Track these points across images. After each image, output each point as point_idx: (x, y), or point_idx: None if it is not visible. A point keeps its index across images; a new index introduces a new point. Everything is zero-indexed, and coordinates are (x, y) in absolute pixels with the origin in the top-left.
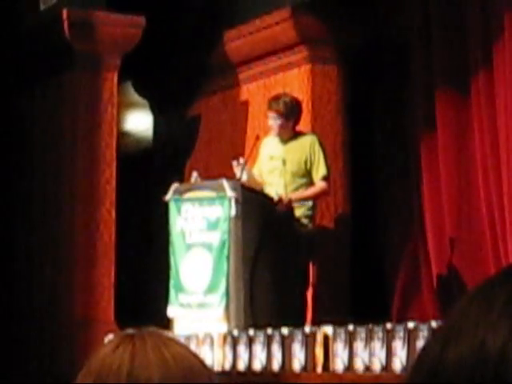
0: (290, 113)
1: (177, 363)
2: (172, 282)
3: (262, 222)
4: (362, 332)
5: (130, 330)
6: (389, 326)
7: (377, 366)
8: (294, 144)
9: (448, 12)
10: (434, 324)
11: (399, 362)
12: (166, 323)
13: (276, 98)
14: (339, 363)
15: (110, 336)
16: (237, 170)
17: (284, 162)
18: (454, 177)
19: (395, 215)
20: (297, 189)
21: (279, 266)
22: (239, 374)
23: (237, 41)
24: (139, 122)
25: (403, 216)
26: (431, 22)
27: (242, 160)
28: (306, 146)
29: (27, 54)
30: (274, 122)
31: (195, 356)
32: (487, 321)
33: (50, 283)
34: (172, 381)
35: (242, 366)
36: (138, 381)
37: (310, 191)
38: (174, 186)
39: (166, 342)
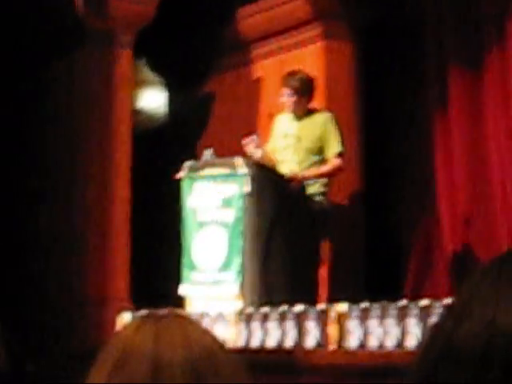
0: (305, 89)
1: (199, 345)
2: (184, 260)
3: (276, 199)
4: (375, 309)
5: (147, 311)
6: (402, 303)
7: (391, 344)
8: (309, 121)
9: None
10: (447, 301)
11: (413, 339)
12: (180, 301)
13: (291, 75)
14: (353, 341)
15: (124, 314)
16: (247, 148)
17: (298, 139)
18: (468, 153)
19: (409, 193)
20: (311, 166)
21: (294, 243)
22: (253, 351)
23: (251, 17)
24: (153, 99)
25: (417, 193)
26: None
27: (255, 137)
28: (321, 123)
29: (40, 31)
30: (288, 98)
31: (216, 339)
32: (497, 298)
33: (62, 261)
34: (195, 362)
35: (255, 343)
36: (161, 360)
37: (325, 168)
38: (188, 163)
39: (189, 324)
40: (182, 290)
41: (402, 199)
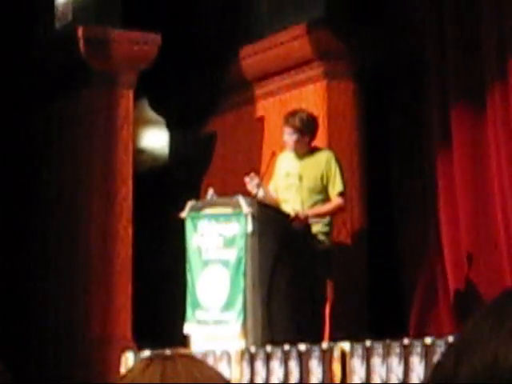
0: (306, 128)
1: None
2: (189, 299)
3: (278, 238)
4: (379, 348)
5: (158, 352)
6: (406, 341)
7: (394, 382)
8: (310, 160)
9: (462, 28)
10: (451, 339)
11: (417, 377)
12: (183, 340)
13: (292, 114)
14: (357, 379)
15: (128, 353)
16: (250, 187)
17: (300, 178)
18: (471, 191)
19: (412, 230)
20: (313, 205)
21: (296, 282)
22: None
23: (252, 57)
24: (155, 139)
25: (420, 231)
26: (446, 38)
27: (256, 177)
28: (323, 161)
29: (44, 72)
30: (289, 137)
31: (222, 377)
32: (499, 336)
33: (67, 300)
34: None
35: (259, 382)
36: None
37: (327, 207)
38: (191, 202)
39: (197, 365)
40: (187, 328)
41: (405, 237)
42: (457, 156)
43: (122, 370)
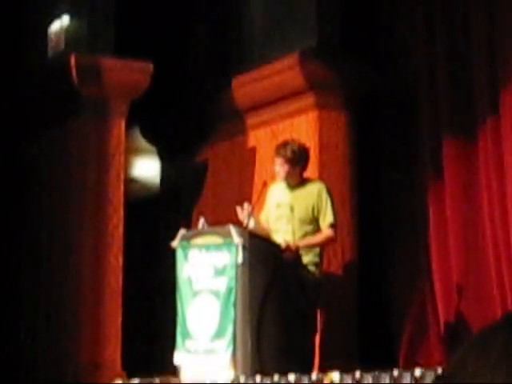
0: (298, 159)
1: None
2: (179, 329)
3: (269, 268)
4: (368, 379)
5: (144, 381)
6: (396, 372)
7: None
8: (302, 191)
9: (454, 61)
10: (440, 370)
11: None
12: (173, 369)
13: (283, 145)
14: None
15: (117, 381)
16: (241, 217)
17: (292, 209)
18: (461, 225)
19: (403, 263)
20: (304, 236)
21: (286, 313)
22: None
23: (244, 87)
24: (147, 167)
25: (410, 264)
26: (437, 69)
27: (248, 206)
28: (314, 193)
29: (35, 100)
30: (281, 168)
31: None
32: (484, 369)
33: (56, 327)
34: None
35: None
36: None
37: (317, 238)
38: (182, 232)
39: None
40: (177, 357)
41: (395, 268)
42: (448, 188)
43: None
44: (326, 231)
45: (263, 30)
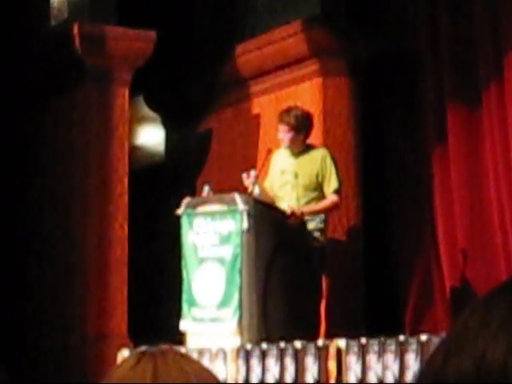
0: (301, 126)
1: (197, 382)
2: (184, 296)
3: (274, 235)
4: (374, 345)
5: (146, 348)
6: (402, 338)
7: (390, 379)
8: (306, 157)
9: (458, 25)
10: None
11: (412, 374)
12: (179, 337)
13: (287, 111)
14: (352, 376)
15: (124, 350)
16: (247, 183)
17: (296, 176)
18: (466, 189)
19: (407, 228)
20: (309, 202)
21: (292, 280)
22: None
23: (248, 54)
24: (151, 136)
25: (415, 228)
26: (441, 35)
27: (253, 173)
28: (318, 159)
29: (39, 69)
30: (284, 135)
31: (214, 375)
32: (486, 333)
33: (63, 298)
34: None
35: (255, 379)
36: None
37: (322, 205)
38: (186, 199)
39: (188, 360)
40: (183, 325)
41: (400, 233)
42: (452, 153)
43: None
44: (330, 197)
45: None
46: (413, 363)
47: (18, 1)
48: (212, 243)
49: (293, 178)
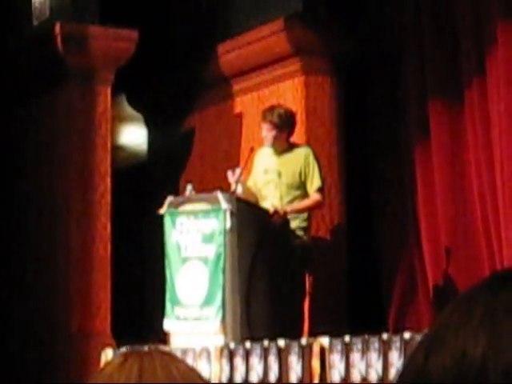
0: (284, 124)
1: (184, 381)
2: (168, 295)
3: (257, 234)
4: (358, 343)
5: (133, 348)
6: (385, 336)
7: (373, 377)
8: (289, 156)
9: (440, 21)
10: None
11: (396, 372)
12: (163, 336)
13: (270, 110)
14: (336, 375)
15: (107, 350)
16: (232, 181)
17: (279, 175)
18: (449, 186)
19: (391, 226)
20: (292, 201)
21: (275, 278)
22: None
23: (230, 53)
24: (133, 135)
25: (398, 226)
26: (423, 32)
27: (237, 171)
28: (301, 158)
29: (21, 69)
30: (268, 133)
31: (199, 375)
32: (467, 329)
33: (45, 297)
34: None
35: (238, 378)
36: None
37: (305, 203)
38: (169, 199)
39: (174, 360)
40: (167, 325)
41: (383, 231)
42: (435, 150)
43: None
44: (313, 195)
45: None
46: (396, 361)
47: (0, 0)
48: (195, 242)
49: (276, 176)
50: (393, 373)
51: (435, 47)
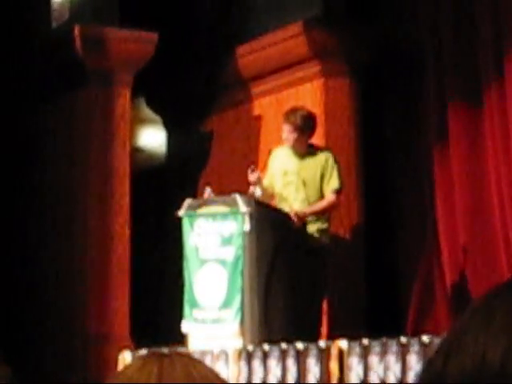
0: (306, 126)
1: (203, 383)
2: (186, 298)
3: (276, 236)
4: (376, 346)
5: (150, 350)
6: (403, 339)
7: (392, 380)
8: (310, 158)
9: (459, 25)
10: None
11: (414, 375)
12: (181, 339)
13: (292, 111)
14: (354, 377)
15: (125, 352)
16: (251, 178)
17: (300, 177)
18: (468, 189)
19: (409, 227)
20: (312, 203)
21: (294, 281)
22: None
23: (249, 56)
24: (152, 137)
25: (417, 228)
26: (442, 36)
27: (256, 174)
28: (322, 160)
29: (40, 72)
30: (289, 134)
31: (219, 377)
32: (487, 333)
33: (64, 299)
34: None
35: (257, 381)
36: None
37: (321, 205)
38: (188, 201)
39: (194, 363)
40: (185, 327)
41: (402, 233)
42: (454, 152)
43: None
44: (328, 196)
45: None
46: (415, 364)
47: (20, 3)
48: (213, 245)
49: (296, 178)
50: (411, 376)
51: (454, 51)
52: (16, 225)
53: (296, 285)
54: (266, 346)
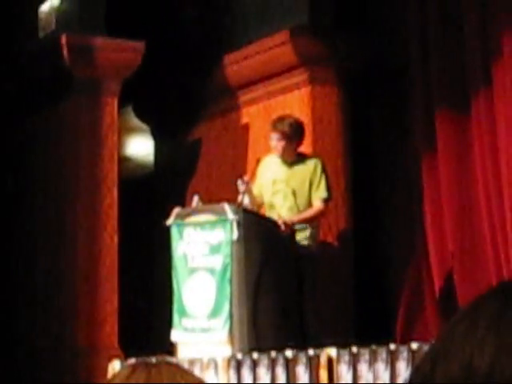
0: (294, 134)
1: None
2: (175, 307)
3: (264, 244)
4: (365, 353)
5: (138, 360)
6: (392, 346)
7: None
8: (298, 167)
9: (446, 32)
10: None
11: (403, 382)
12: (170, 348)
13: (280, 119)
14: None
15: (115, 362)
16: (241, 189)
17: (289, 185)
18: (456, 196)
19: (397, 234)
20: (301, 212)
21: (282, 289)
22: None
23: (236, 64)
24: (140, 146)
25: (405, 235)
26: (430, 43)
27: (246, 181)
28: (310, 168)
29: (27, 81)
30: (277, 143)
31: None
32: (474, 339)
33: (53, 309)
34: None
35: None
36: None
37: (308, 213)
38: (176, 210)
39: (181, 372)
40: (174, 336)
41: (390, 240)
42: (441, 159)
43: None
44: (316, 205)
45: (255, 6)
46: (404, 371)
47: (6, 12)
48: (202, 253)
49: (285, 187)
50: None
51: (441, 58)
52: (3, 236)
53: (284, 292)
54: (256, 355)
